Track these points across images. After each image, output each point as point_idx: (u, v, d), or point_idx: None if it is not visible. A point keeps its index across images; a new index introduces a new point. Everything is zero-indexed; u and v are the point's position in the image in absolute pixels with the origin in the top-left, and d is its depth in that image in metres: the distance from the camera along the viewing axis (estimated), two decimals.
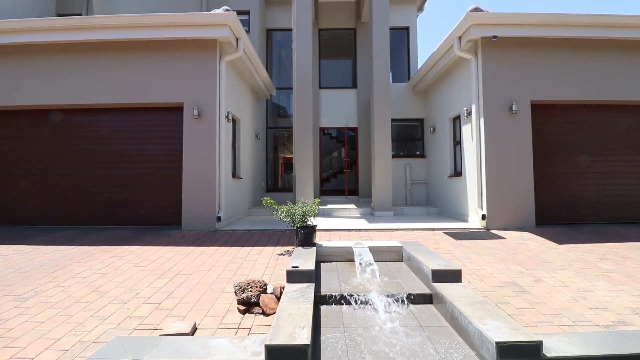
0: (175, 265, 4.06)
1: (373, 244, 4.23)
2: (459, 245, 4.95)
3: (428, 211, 8.52)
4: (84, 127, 6.77)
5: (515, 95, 6.26)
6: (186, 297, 3.11)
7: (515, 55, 6.36)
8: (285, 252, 4.61)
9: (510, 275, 3.67)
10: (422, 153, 10.05)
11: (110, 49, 6.45)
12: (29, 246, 4.96)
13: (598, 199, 6.53)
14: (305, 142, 7.93)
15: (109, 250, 4.75)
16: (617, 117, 6.62)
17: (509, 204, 6.14)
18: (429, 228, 6.20)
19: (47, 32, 6.34)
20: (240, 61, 7.20)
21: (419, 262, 3.49)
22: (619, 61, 6.43)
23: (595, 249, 4.70)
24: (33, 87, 6.51)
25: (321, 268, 3.85)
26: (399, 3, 10.57)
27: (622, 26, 6.20)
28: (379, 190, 7.99)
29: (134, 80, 6.44)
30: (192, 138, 6.27)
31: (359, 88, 10.49)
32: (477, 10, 6.21)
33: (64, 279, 3.59)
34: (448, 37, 6.79)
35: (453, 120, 8.05)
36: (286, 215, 4.42)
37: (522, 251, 4.61)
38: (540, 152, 6.40)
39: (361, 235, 5.72)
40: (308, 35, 8.11)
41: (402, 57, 10.84)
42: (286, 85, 10.93)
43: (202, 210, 6.18)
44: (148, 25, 6.27)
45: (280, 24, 11.03)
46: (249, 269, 3.88)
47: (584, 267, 3.93)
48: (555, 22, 6.14)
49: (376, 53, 8.12)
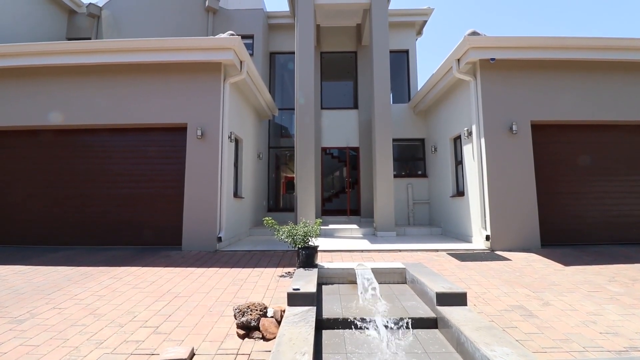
0: (175, 287, 3.99)
1: (376, 265, 4.16)
2: (464, 267, 4.86)
3: (431, 231, 8.43)
4: (86, 147, 6.84)
5: (515, 116, 6.32)
6: (184, 320, 3.04)
7: (514, 76, 6.46)
8: (287, 273, 4.53)
9: (517, 298, 3.57)
10: (423, 173, 10.06)
11: (115, 71, 6.63)
12: (28, 266, 4.90)
13: (603, 219, 6.46)
14: (307, 161, 7.98)
15: (108, 271, 4.68)
16: (619, 137, 6.65)
17: (513, 225, 6.07)
18: (433, 249, 6.11)
19: (59, 55, 6.55)
20: (244, 83, 7.36)
21: (422, 284, 3.41)
22: (619, 82, 6.52)
23: (603, 270, 4.60)
24: (36, 107, 6.63)
25: (323, 290, 3.77)
26: (398, 27, 10.90)
27: (619, 48, 6.33)
28: (381, 210, 7.94)
29: (139, 101, 6.57)
30: (194, 158, 6.31)
31: (360, 109, 10.64)
32: (475, 34, 6.38)
33: (60, 300, 3.53)
34: (447, 59, 6.94)
35: (454, 140, 8.10)
36: (287, 235, 4.37)
37: (528, 273, 4.52)
38: (543, 172, 6.40)
39: (363, 256, 5.64)
40: (310, 58, 8.33)
41: (402, 78, 11.06)
42: (288, 106, 11.12)
43: (203, 231, 6.14)
44: (156, 49, 6.46)
45: (283, 47, 11.36)
46: (249, 291, 3.80)
47: (592, 289, 3.83)
48: (553, 44, 6.28)
49: (377, 75, 8.28)
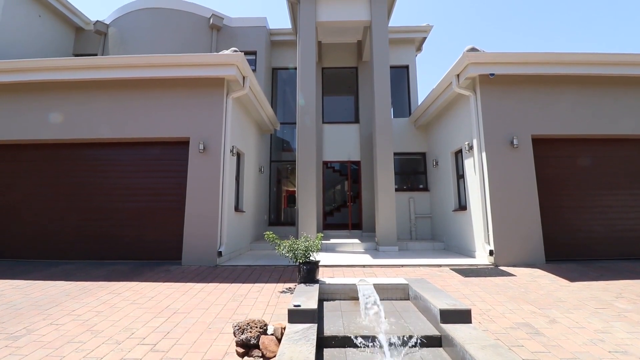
0: (174, 302, 3.94)
1: (378, 281, 4.09)
2: (467, 283, 4.78)
3: (434, 246, 8.34)
4: (87, 160, 6.89)
5: (516, 130, 6.35)
6: (183, 337, 2.98)
7: (513, 91, 6.53)
8: (287, 289, 4.47)
9: (523, 315, 3.50)
10: (425, 187, 10.04)
11: (120, 87, 6.74)
12: (26, 281, 4.86)
13: (607, 234, 6.39)
14: (308, 175, 7.98)
15: (107, 286, 4.63)
16: (620, 151, 6.66)
17: (517, 240, 6.01)
18: (436, 264, 6.04)
19: (66, 70, 6.67)
20: (246, 98, 7.46)
21: (426, 301, 3.35)
22: (619, 96, 6.58)
23: (610, 286, 4.52)
24: (39, 121, 6.73)
25: (324, 307, 3.70)
26: (398, 44, 11.10)
27: (616, 64, 6.41)
28: (383, 225, 7.89)
29: (142, 116, 6.64)
30: (196, 172, 6.33)
31: (361, 123, 10.73)
32: (474, 50, 6.48)
33: (58, 316, 3.48)
34: (447, 75, 7.03)
35: (455, 154, 8.12)
36: (288, 250, 4.33)
37: (533, 289, 4.44)
38: (545, 186, 6.37)
39: (365, 271, 5.56)
40: (312, 74, 8.46)
41: (402, 93, 11.19)
42: (290, 120, 11.22)
43: (204, 245, 6.09)
44: (161, 65, 6.58)
45: (285, 63, 11.55)
46: (249, 308, 3.74)
47: (599, 306, 3.76)
48: (551, 60, 6.37)
49: (377, 90, 8.38)
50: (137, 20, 10.92)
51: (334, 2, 9.01)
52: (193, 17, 10.94)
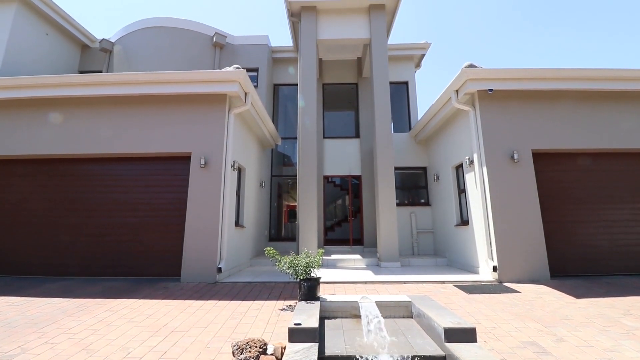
0: (172, 320, 3.86)
1: (380, 298, 4.02)
2: (471, 300, 4.69)
3: (436, 262, 8.23)
4: (88, 175, 6.89)
5: (516, 145, 6.36)
6: (180, 357, 2.90)
7: (512, 106, 6.58)
8: (288, 307, 4.39)
9: (529, 333, 3.41)
10: (426, 201, 10.00)
11: (124, 103, 6.82)
12: (23, 298, 4.78)
13: (612, 249, 6.31)
14: (309, 190, 7.97)
15: (104, 303, 4.55)
16: (622, 165, 6.65)
17: (521, 255, 5.93)
18: (439, 280, 5.94)
19: (72, 87, 6.78)
20: (248, 113, 7.53)
21: (430, 319, 3.28)
22: (619, 110, 6.62)
23: (617, 303, 4.42)
24: (41, 136, 6.78)
25: (325, 325, 3.62)
26: (397, 60, 11.29)
27: (612, 79, 6.48)
28: (385, 240, 7.81)
29: (145, 131, 6.69)
30: (197, 187, 6.32)
31: (362, 137, 10.78)
32: (472, 67, 6.58)
33: (54, 335, 3.40)
34: (446, 90, 7.11)
35: (456, 169, 8.11)
36: (289, 266, 4.28)
37: (539, 306, 4.34)
38: (547, 201, 6.33)
39: (367, 288, 5.47)
40: (313, 90, 8.57)
41: (402, 108, 11.29)
42: (291, 135, 11.29)
43: (203, 261, 6.02)
44: (165, 82, 6.67)
45: (287, 79, 11.73)
46: (249, 326, 3.66)
47: (606, 323, 3.67)
48: (549, 76, 6.45)
49: (378, 105, 8.46)
50: (142, 38, 11.16)
51: (334, 20, 9.22)
52: (197, 36, 11.18)
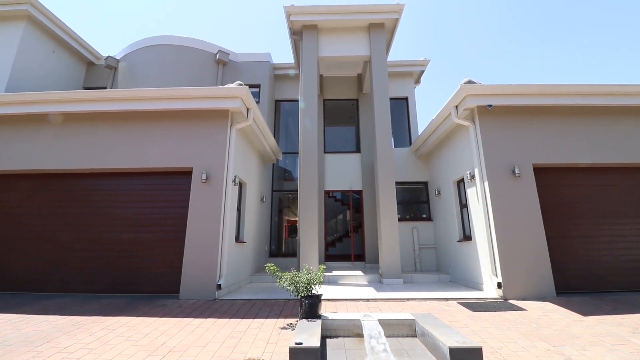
0: (169, 339, 3.76)
1: (383, 316, 3.93)
2: (476, 318, 4.59)
3: (439, 278, 8.10)
4: (88, 191, 6.87)
5: (517, 159, 6.36)
6: None
7: (512, 121, 6.62)
8: (289, 325, 4.29)
9: (537, 353, 3.31)
10: (428, 216, 9.93)
11: (127, 118, 6.88)
12: (18, 315, 4.69)
13: (618, 264, 6.21)
14: (310, 205, 7.94)
15: (101, 321, 4.46)
16: (624, 179, 6.63)
17: (525, 271, 5.83)
18: (442, 298, 5.83)
19: (76, 103, 6.86)
20: (250, 129, 7.59)
21: (434, 338, 3.19)
22: (620, 125, 6.65)
23: (625, 321, 4.31)
24: (42, 152, 6.80)
25: (327, 344, 3.53)
26: (397, 77, 11.48)
27: (610, 94, 6.54)
28: (387, 256, 7.71)
29: (147, 146, 6.72)
30: (198, 202, 6.30)
31: (363, 152, 10.83)
32: (471, 83, 6.66)
33: (48, 354, 3.31)
34: (446, 106, 7.18)
35: (457, 184, 8.10)
36: (290, 283, 4.21)
37: (546, 325, 4.24)
38: (551, 216, 6.29)
39: (369, 305, 5.36)
40: (314, 106, 8.66)
41: (402, 124, 11.39)
42: (292, 150, 11.35)
43: (203, 278, 5.93)
44: (169, 98, 6.76)
45: (288, 95, 11.89)
46: (249, 345, 3.56)
47: (616, 342, 3.56)
48: (547, 91, 6.51)
49: (378, 121, 8.53)
50: (147, 55, 11.38)
51: (335, 38, 9.42)
52: (200, 53, 11.41)
